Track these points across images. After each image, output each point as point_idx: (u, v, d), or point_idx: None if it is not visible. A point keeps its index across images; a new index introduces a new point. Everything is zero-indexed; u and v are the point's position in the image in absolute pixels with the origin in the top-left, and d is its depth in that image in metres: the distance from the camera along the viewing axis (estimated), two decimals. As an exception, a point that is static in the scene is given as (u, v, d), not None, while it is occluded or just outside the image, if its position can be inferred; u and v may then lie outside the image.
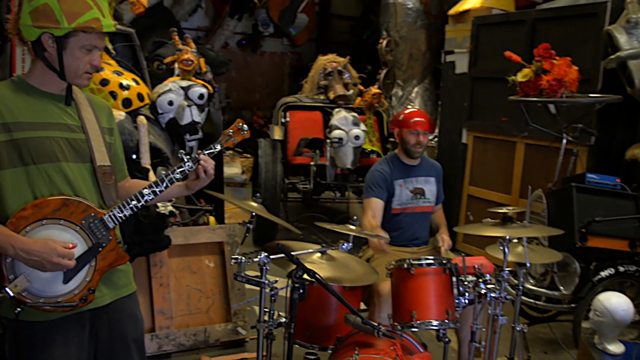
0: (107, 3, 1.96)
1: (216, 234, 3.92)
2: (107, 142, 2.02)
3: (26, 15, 1.82)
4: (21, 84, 1.90)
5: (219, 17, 10.37)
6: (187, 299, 3.75)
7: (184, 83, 4.50)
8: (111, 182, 1.98)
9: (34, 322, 1.84)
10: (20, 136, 1.81)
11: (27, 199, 1.81)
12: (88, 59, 1.88)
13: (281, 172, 5.73)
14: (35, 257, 1.74)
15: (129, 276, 2.09)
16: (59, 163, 1.86)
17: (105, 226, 1.89)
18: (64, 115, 1.92)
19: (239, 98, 11.48)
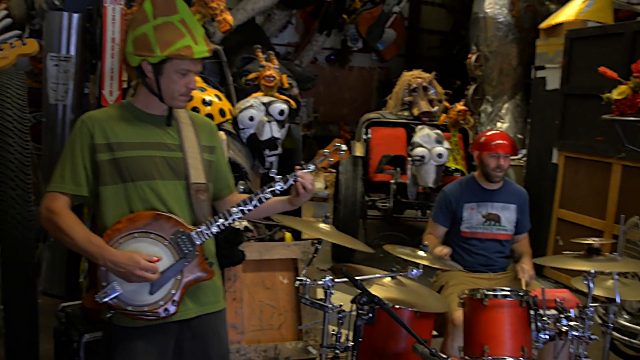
0: (203, 29, 2.03)
1: (291, 251, 3.92)
2: (206, 159, 2.09)
3: (130, 43, 1.97)
4: (128, 106, 2.06)
5: (308, 32, 10.52)
6: (260, 314, 3.76)
7: (266, 99, 4.55)
8: (204, 199, 2.05)
9: (123, 326, 1.96)
10: (120, 155, 1.95)
11: (123, 213, 1.94)
12: (183, 82, 1.98)
13: (361, 189, 5.67)
14: (121, 268, 1.84)
15: (217, 294, 2.13)
16: (154, 181, 1.97)
17: (192, 242, 1.95)
18: (164, 135, 2.03)
19: (326, 112, 11.57)
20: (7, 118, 2.77)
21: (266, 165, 4.46)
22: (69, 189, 1.93)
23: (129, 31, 1.99)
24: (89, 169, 1.95)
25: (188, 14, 2.01)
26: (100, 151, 1.94)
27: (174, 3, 1.99)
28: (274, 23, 9.64)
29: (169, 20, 1.95)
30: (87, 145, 1.94)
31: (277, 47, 10.30)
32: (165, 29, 1.93)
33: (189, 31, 1.96)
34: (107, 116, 2.01)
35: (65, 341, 2.86)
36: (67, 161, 1.95)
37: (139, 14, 1.98)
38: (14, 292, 2.72)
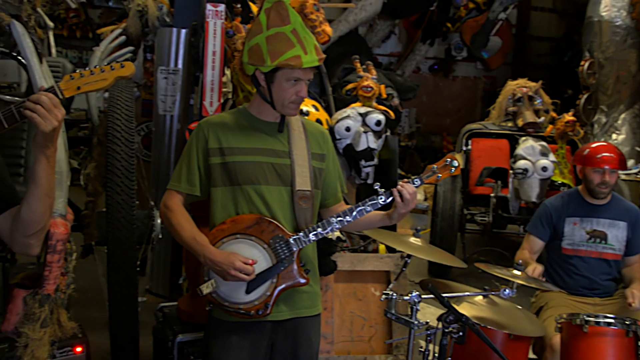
0: (314, 39, 2.07)
1: (384, 263, 3.88)
2: (315, 167, 2.15)
3: (245, 53, 2.07)
4: (244, 112, 2.17)
5: (411, 42, 10.43)
6: (350, 325, 3.74)
7: (363, 109, 4.55)
8: (307, 206, 2.10)
9: (221, 319, 2.07)
10: (231, 159, 2.06)
11: (230, 215, 2.06)
12: (294, 90, 2.05)
13: (460, 202, 5.51)
14: (218, 267, 1.95)
15: (314, 299, 2.18)
16: (260, 185, 2.05)
17: (290, 248, 2.02)
18: (275, 141, 2.11)
19: (429, 123, 11.40)
20: (115, 128, 2.96)
21: (362, 176, 4.45)
22: (184, 188, 2.08)
23: (246, 42, 2.09)
24: (202, 171, 2.08)
25: (300, 24, 2.06)
26: (213, 155, 2.06)
27: (287, 14, 2.05)
28: (377, 33, 9.64)
29: (281, 30, 2.01)
30: (202, 148, 2.08)
31: (380, 57, 10.30)
32: (277, 40, 2.00)
33: (299, 41, 2.01)
34: (222, 122, 2.12)
35: (161, 339, 3.00)
36: (184, 162, 2.10)
37: (255, 25, 2.08)
38: (118, 290, 2.89)
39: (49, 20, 3.58)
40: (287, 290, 2.03)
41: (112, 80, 1.68)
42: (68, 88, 1.67)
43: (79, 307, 2.06)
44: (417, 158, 9.97)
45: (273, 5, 2.06)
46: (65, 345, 2.24)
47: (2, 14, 1.84)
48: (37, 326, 1.75)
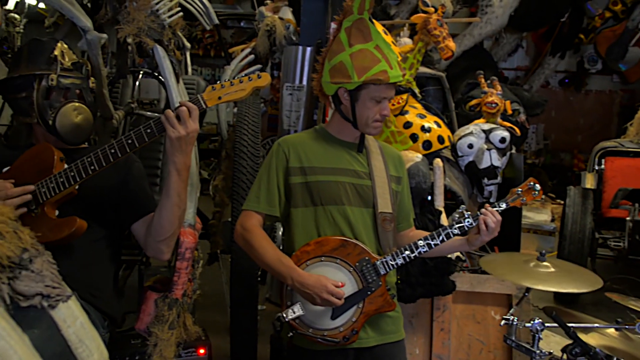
0: (396, 55, 2.08)
1: (505, 286, 3.72)
2: (393, 189, 2.11)
3: (326, 73, 2.06)
4: (322, 132, 2.14)
5: (539, 55, 9.98)
6: (468, 348, 3.63)
7: (486, 126, 4.42)
8: (390, 229, 2.06)
9: (303, 348, 2.01)
10: (312, 179, 2.02)
11: (312, 236, 2.00)
12: (378, 109, 2.03)
13: (591, 224, 5.16)
14: (308, 290, 1.88)
15: (397, 323, 2.12)
16: (343, 206, 2.01)
17: (377, 271, 1.96)
18: (354, 162, 2.08)
19: (558, 139, 10.82)
20: (242, 142, 3.12)
21: (485, 195, 4.31)
22: (263, 208, 2.03)
23: (326, 61, 2.08)
24: (282, 191, 2.04)
25: (382, 40, 2.04)
26: (293, 174, 2.03)
27: (368, 31, 2.04)
28: (503, 47, 9.34)
29: (365, 47, 2.00)
30: (282, 167, 2.04)
31: (506, 71, 9.97)
32: (362, 56, 1.98)
33: (384, 56, 2.00)
34: (302, 141, 2.09)
35: (277, 348, 3.09)
36: (263, 182, 2.05)
37: (335, 44, 2.07)
38: (239, 297, 3.02)
39: (186, 42, 3.85)
40: (373, 315, 1.97)
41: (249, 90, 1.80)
42: (210, 98, 1.81)
43: (203, 311, 2.18)
44: (545, 177, 9.46)
45: (353, 23, 2.04)
46: (190, 347, 2.36)
47: (147, 39, 2.02)
48: (165, 327, 1.87)
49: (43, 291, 1.16)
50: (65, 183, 1.82)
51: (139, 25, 2.00)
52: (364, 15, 2.04)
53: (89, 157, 1.83)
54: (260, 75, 1.85)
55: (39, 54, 1.99)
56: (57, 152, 1.89)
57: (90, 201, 1.93)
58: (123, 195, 1.98)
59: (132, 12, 2.02)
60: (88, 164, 1.82)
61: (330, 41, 2.11)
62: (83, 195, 1.90)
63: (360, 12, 2.03)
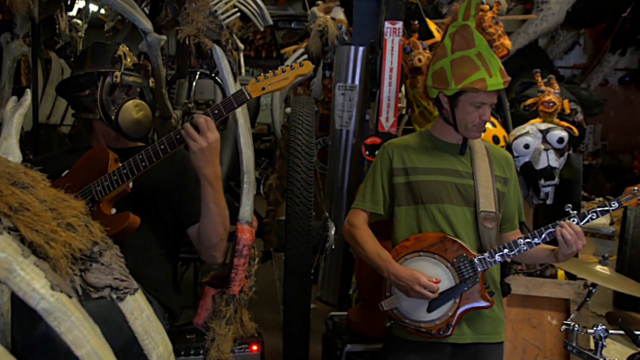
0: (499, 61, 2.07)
1: (562, 290, 3.62)
2: (499, 190, 2.14)
3: (430, 77, 2.13)
4: (426, 134, 2.23)
5: (598, 53, 9.66)
6: (523, 353, 3.55)
7: (543, 126, 4.31)
8: (492, 227, 2.09)
9: (400, 337, 2.11)
10: (414, 179, 2.11)
11: (413, 233, 2.10)
12: (477, 113, 2.07)
13: (654, 228, 4.96)
14: (402, 282, 1.99)
15: (497, 325, 2.13)
16: (443, 205, 2.08)
17: (474, 268, 2.00)
18: (457, 162, 2.14)
19: (617, 140, 10.46)
20: (297, 142, 3.14)
21: (541, 196, 4.21)
22: (368, 206, 2.16)
23: (430, 65, 2.14)
24: (386, 191, 2.15)
25: (485, 47, 2.06)
26: (397, 174, 2.13)
27: (472, 37, 2.07)
28: (559, 45, 9.08)
29: (466, 54, 2.03)
30: (387, 169, 2.15)
31: (562, 70, 9.69)
32: (461, 63, 2.02)
33: (484, 64, 2.01)
34: (405, 143, 2.19)
35: (330, 347, 3.10)
36: (369, 182, 2.19)
37: (439, 49, 2.12)
38: (292, 295, 3.04)
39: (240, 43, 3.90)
40: (470, 312, 2.00)
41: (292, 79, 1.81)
42: (254, 90, 1.84)
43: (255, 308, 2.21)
44: (603, 178, 9.18)
45: (458, 29, 2.09)
46: (243, 343, 2.41)
47: (206, 39, 2.07)
48: (223, 323, 1.91)
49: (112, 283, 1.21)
50: (118, 181, 1.88)
51: (198, 26, 2.05)
52: (469, 22, 2.09)
53: (141, 155, 1.89)
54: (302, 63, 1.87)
55: (103, 55, 2.07)
56: (112, 153, 1.96)
57: (145, 199, 1.98)
58: (180, 196, 2.04)
59: (191, 13, 2.07)
60: (140, 160, 1.88)
61: (436, 46, 2.17)
62: (139, 193, 1.96)
63: (466, 18, 2.09)
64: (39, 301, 1.03)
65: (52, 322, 1.03)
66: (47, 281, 1.03)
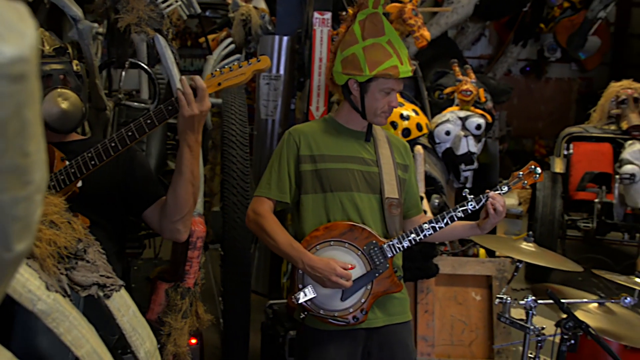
0: (407, 50, 2.13)
1: (485, 267, 3.85)
2: (400, 177, 2.18)
3: (338, 63, 2.12)
4: (331, 121, 2.21)
5: (502, 44, 10.20)
6: (451, 329, 3.74)
7: (462, 113, 4.53)
8: (396, 213, 2.14)
9: (315, 328, 2.09)
10: (322, 167, 2.09)
11: (321, 221, 2.08)
12: (386, 100, 2.09)
13: (560, 207, 5.35)
14: (318, 273, 1.96)
15: (404, 305, 2.20)
16: (351, 192, 2.08)
17: (384, 254, 2.04)
18: (362, 150, 2.15)
19: (520, 126, 11.09)
20: (231, 132, 3.12)
21: (461, 180, 4.43)
22: (274, 195, 2.09)
23: (338, 52, 2.13)
24: (292, 178, 2.10)
25: (394, 35, 2.11)
26: (304, 162, 2.10)
27: (382, 25, 2.10)
28: (467, 36, 9.49)
29: (377, 41, 2.06)
30: (293, 155, 2.10)
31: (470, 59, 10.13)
32: (374, 50, 2.04)
33: (395, 51, 2.06)
34: (312, 130, 2.17)
35: (271, 335, 3.13)
36: (274, 169, 2.12)
37: (349, 35, 2.12)
38: (232, 287, 3.04)
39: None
40: (381, 296, 2.05)
41: (249, 75, 1.79)
42: (210, 85, 1.80)
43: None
44: (509, 162, 9.72)
45: (367, 16, 2.10)
46: (180, 337, 2.39)
47: (148, 29, 2.01)
48: (179, 317, 1.89)
49: (99, 281, 1.17)
50: (65, 180, 1.79)
51: (139, 14, 2.00)
52: (378, 10, 2.11)
53: (89, 152, 1.79)
54: (260, 58, 1.85)
55: None
56: (58, 151, 1.86)
57: (95, 198, 1.91)
58: (131, 185, 1.97)
59: (131, 1, 2.00)
60: (88, 159, 1.79)
61: (343, 32, 2.15)
62: (88, 193, 1.87)
63: (375, 6, 2.10)
64: (36, 303, 0.98)
65: (51, 324, 0.98)
66: (42, 282, 0.99)
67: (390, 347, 2.12)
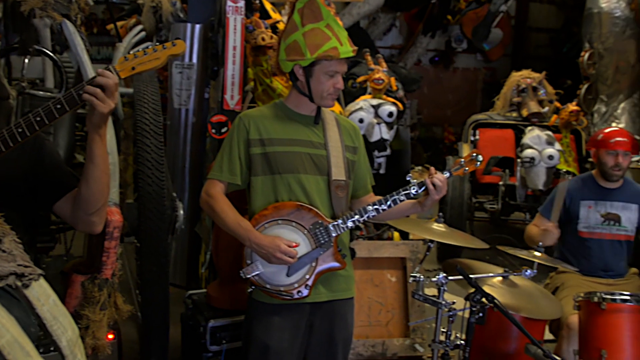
0: (346, 32, 2.19)
1: (399, 250, 3.99)
2: (349, 159, 2.26)
3: (282, 51, 2.19)
4: (280, 106, 2.28)
5: (412, 35, 10.52)
6: (368, 310, 3.86)
7: (375, 101, 4.65)
8: (343, 195, 2.22)
9: (261, 302, 2.19)
10: (271, 150, 2.17)
11: (270, 202, 2.16)
12: (331, 82, 2.17)
13: (468, 190, 5.63)
14: (263, 250, 2.08)
15: (349, 282, 2.31)
16: (298, 174, 2.17)
17: (329, 233, 2.14)
18: (311, 133, 2.23)
19: (430, 114, 11.50)
20: (144, 121, 3.05)
21: (375, 167, 4.55)
22: (225, 177, 2.19)
23: (281, 41, 2.20)
24: (243, 161, 2.19)
25: (332, 19, 2.19)
26: (254, 145, 2.18)
27: (319, 11, 2.18)
28: (378, 26, 9.73)
29: (316, 26, 2.13)
30: (243, 139, 2.19)
31: (381, 49, 10.38)
32: (314, 34, 2.12)
33: (334, 34, 2.14)
34: (262, 114, 2.25)
35: (192, 325, 3.11)
36: (226, 153, 2.21)
37: (289, 24, 2.20)
38: (150, 279, 2.98)
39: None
40: (325, 273, 2.16)
41: (164, 59, 1.75)
42: (123, 69, 1.74)
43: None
44: (420, 149, 10.08)
45: (305, 4, 2.18)
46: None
47: (55, 13, 1.93)
48: (97, 309, 1.85)
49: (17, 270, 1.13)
50: None
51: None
52: None
53: None
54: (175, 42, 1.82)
55: None
56: None
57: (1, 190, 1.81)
58: (40, 175, 1.87)
59: (36, -15, 1.91)
60: None
61: (286, 22, 2.22)
62: None
63: None
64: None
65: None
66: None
67: (331, 321, 2.24)
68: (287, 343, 2.17)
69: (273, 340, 2.15)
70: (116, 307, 1.94)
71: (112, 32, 5.65)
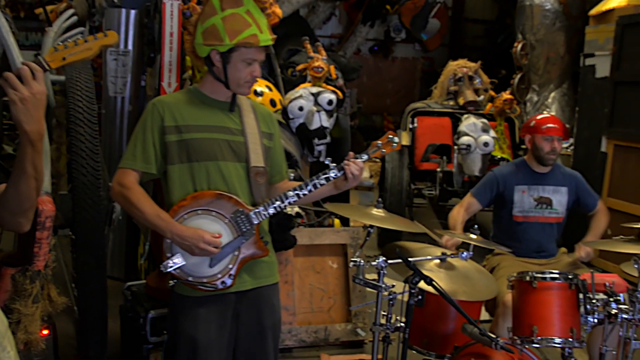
0: (266, 19, 2.15)
1: (340, 236, 4.04)
2: (265, 145, 2.22)
3: (199, 35, 2.11)
4: (195, 92, 2.20)
5: (351, 24, 10.57)
6: (310, 297, 3.89)
7: (314, 89, 4.66)
8: (262, 181, 2.18)
9: (185, 295, 2.12)
10: (188, 137, 2.09)
11: (188, 191, 2.08)
12: (249, 70, 2.11)
13: (407, 177, 5.74)
14: (186, 242, 2.00)
15: (272, 268, 2.27)
16: (217, 162, 2.10)
17: (250, 221, 2.09)
18: (228, 120, 2.17)
19: (369, 103, 11.62)
20: (78, 109, 2.96)
21: (315, 154, 4.57)
22: (140, 166, 2.08)
23: (198, 24, 2.12)
24: (158, 149, 2.09)
25: (252, 5, 2.13)
26: (169, 132, 2.08)
27: None
28: (318, 15, 9.71)
29: (236, 12, 2.07)
30: (158, 126, 2.08)
31: (321, 38, 10.39)
32: (233, 20, 2.06)
33: (254, 21, 2.08)
34: (176, 100, 2.15)
35: (131, 317, 3.05)
36: (139, 140, 2.09)
37: (207, 7, 2.12)
38: (87, 271, 2.90)
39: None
40: (248, 261, 2.12)
41: (96, 50, 1.70)
42: (53, 60, 1.66)
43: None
44: (360, 137, 10.17)
45: None
46: (30, 328, 2.24)
47: (-24, -6, 1.83)
48: (29, 302, 1.78)
49: None
50: None
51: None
52: None
53: None
54: (107, 33, 1.77)
55: None
56: None
57: None
58: None
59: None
60: None
61: (203, 5, 2.13)
62: None
63: None
64: None
65: None
66: None
67: (258, 308, 2.20)
68: (214, 335, 2.11)
69: (200, 333, 2.09)
70: (50, 300, 1.87)
71: (42, 16, 5.41)
